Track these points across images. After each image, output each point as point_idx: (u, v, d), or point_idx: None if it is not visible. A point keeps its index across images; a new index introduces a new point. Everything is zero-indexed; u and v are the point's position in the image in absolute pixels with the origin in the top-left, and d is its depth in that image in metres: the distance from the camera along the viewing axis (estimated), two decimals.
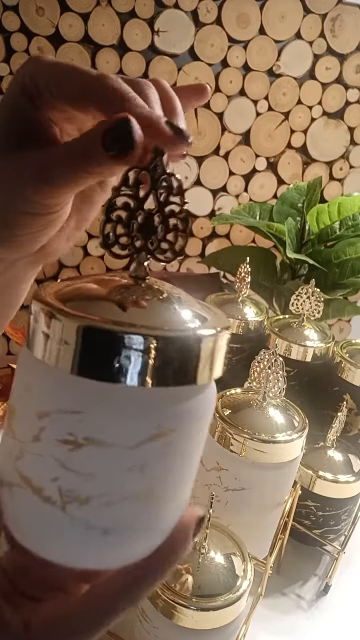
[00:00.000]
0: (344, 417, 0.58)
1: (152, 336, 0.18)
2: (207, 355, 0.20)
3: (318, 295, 0.67)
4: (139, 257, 0.22)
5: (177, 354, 0.19)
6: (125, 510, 0.20)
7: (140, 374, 0.19)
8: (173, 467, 0.21)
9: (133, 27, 0.88)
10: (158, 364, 0.19)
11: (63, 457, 0.19)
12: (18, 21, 0.85)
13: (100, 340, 0.18)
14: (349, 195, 0.87)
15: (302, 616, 0.55)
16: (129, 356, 0.18)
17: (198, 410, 0.21)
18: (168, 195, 0.22)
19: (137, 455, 0.20)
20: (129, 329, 0.18)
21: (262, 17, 0.91)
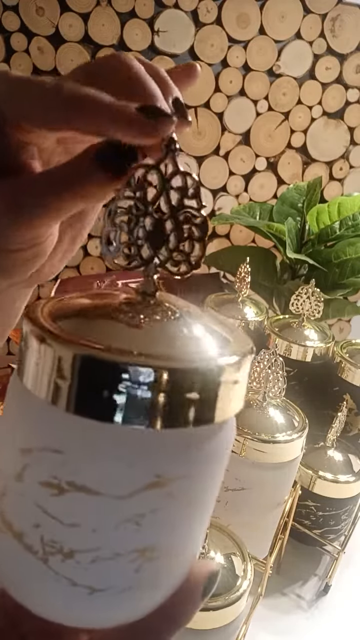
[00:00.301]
0: (344, 417, 0.58)
1: (163, 368, 0.15)
2: (228, 388, 0.17)
3: (318, 295, 0.67)
4: (147, 270, 0.19)
5: (194, 389, 0.16)
6: (117, 569, 0.17)
7: (149, 414, 0.16)
8: (179, 518, 0.18)
9: (133, 27, 0.88)
10: (170, 402, 0.16)
11: (45, 503, 0.17)
12: (18, 21, 0.85)
13: (101, 373, 0.15)
14: (349, 195, 0.87)
15: (302, 616, 0.55)
16: (134, 393, 0.15)
17: (214, 452, 0.18)
18: (182, 198, 0.19)
19: (131, 506, 0.17)
20: (135, 359, 0.15)
21: (262, 17, 0.91)
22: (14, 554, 0.18)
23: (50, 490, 0.17)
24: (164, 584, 0.19)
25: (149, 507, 0.17)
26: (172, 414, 0.16)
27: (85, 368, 0.16)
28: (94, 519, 0.17)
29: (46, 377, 0.16)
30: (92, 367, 0.16)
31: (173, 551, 0.18)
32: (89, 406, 0.16)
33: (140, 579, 0.18)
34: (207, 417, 0.17)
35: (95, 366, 0.15)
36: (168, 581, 0.19)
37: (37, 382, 0.17)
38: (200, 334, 0.18)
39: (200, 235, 0.19)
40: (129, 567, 0.17)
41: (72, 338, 0.16)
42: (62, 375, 0.16)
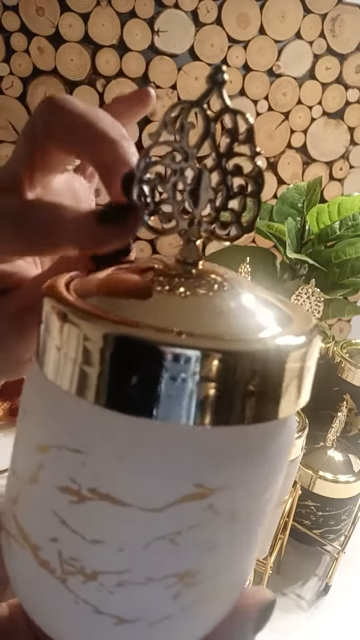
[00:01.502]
0: (344, 417, 0.58)
1: (214, 350, 0.12)
2: (295, 375, 0.14)
3: (318, 295, 0.67)
4: (189, 233, 0.16)
5: (254, 376, 0.13)
6: (150, 596, 0.14)
7: (196, 408, 0.13)
8: (224, 538, 0.15)
9: (133, 27, 0.88)
10: (223, 393, 0.13)
11: (64, 512, 0.14)
12: (18, 21, 0.85)
13: (137, 357, 0.12)
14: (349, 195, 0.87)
15: (302, 616, 0.55)
16: (178, 381, 0.12)
17: (272, 456, 0.14)
18: (232, 143, 0.15)
19: (165, 521, 0.14)
20: (178, 339, 0.12)
21: (262, 17, 0.91)
22: (30, 569, 0.15)
23: (68, 496, 0.14)
24: (205, 616, 0.16)
25: (187, 523, 0.14)
26: (224, 408, 0.13)
27: (117, 350, 0.13)
28: (121, 536, 0.14)
29: (70, 364, 0.13)
30: (125, 348, 0.13)
31: (217, 576, 0.15)
32: (121, 398, 0.13)
33: (177, 608, 0.15)
34: (267, 413, 0.13)
35: (129, 348, 0.12)
36: (211, 612, 0.16)
37: (59, 370, 0.14)
38: (256, 308, 0.15)
39: (254, 190, 0.15)
40: (164, 594, 0.14)
41: (101, 314, 0.13)
42: (89, 361, 0.13)
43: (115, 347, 0.13)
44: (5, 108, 0.90)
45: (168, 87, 0.93)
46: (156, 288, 0.14)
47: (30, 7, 0.84)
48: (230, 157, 0.15)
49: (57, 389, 0.14)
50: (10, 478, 0.16)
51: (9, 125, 0.91)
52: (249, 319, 0.14)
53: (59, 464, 0.14)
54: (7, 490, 0.16)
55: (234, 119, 0.15)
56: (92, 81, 0.91)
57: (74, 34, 0.87)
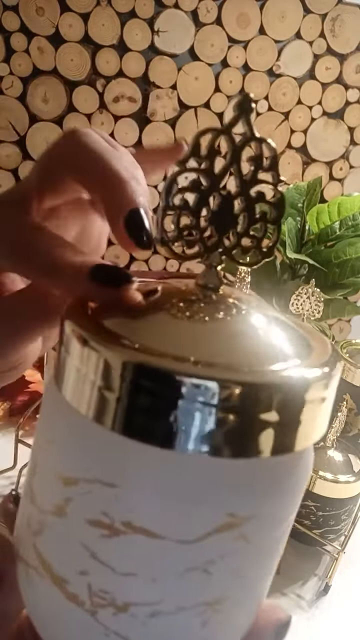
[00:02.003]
0: (344, 417, 0.58)
1: (234, 382, 0.12)
2: (314, 407, 0.13)
3: (318, 295, 0.67)
4: (211, 259, 0.16)
5: (273, 409, 0.13)
6: (181, 625, 0.14)
7: (214, 441, 0.12)
8: (251, 564, 0.15)
9: (133, 27, 0.88)
10: (243, 426, 0.13)
11: (94, 545, 0.14)
12: (18, 21, 0.85)
13: (155, 386, 0.12)
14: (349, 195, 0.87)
15: (302, 616, 0.55)
16: (197, 413, 0.12)
17: (291, 486, 0.15)
18: (256, 170, 0.15)
19: (199, 551, 0.14)
20: (199, 370, 0.12)
21: (262, 17, 0.91)
22: (54, 603, 0.15)
23: (100, 530, 0.14)
24: (229, 638, 0.16)
25: (220, 553, 0.14)
26: (244, 440, 0.13)
27: (135, 378, 0.13)
28: (155, 567, 0.14)
29: (89, 388, 0.13)
30: (144, 377, 0.12)
31: (244, 600, 0.15)
32: (140, 427, 0.13)
33: (205, 635, 0.15)
34: (286, 445, 0.13)
35: (147, 376, 0.12)
36: (234, 636, 0.16)
37: (78, 392, 0.14)
38: (276, 335, 0.15)
39: (276, 216, 0.16)
40: (194, 622, 0.14)
41: (122, 341, 0.13)
42: (109, 387, 0.13)
43: (134, 375, 0.13)
44: (5, 108, 0.90)
45: (168, 87, 0.93)
46: (176, 314, 0.14)
47: (30, 7, 0.84)
48: (254, 184, 0.16)
49: (83, 421, 0.14)
50: (29, 506, 0.16)
51: (9, 125, 0.91)
52: (268, 347, 0.14)
53: (90, 498, 0.14)
54: (26, 519, 0.16)
55: (259, 147, 0.15)
56: (92, 81, 0.91)
57: (74, 34, 0.87)
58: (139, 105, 0.94)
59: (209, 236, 0.16)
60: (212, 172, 0.15)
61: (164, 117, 0.95)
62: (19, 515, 0.17)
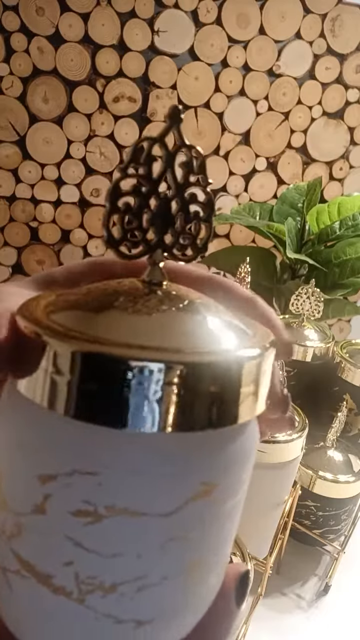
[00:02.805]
0: (344, 417, 0.58)
1: (177, 362, 0.13)
2: (251, 382, 0.15)
3: (318, 295, 0.67)
4: (154, 257, 0.17)
5: (214, 384, 0.14)
6: (164, 593, 0.15)
7: (166, 416, 0.14)
8: (219, 530, 0.16)
9: (133, 27, 0.88)
10: (187, 401, 0.14)
11: (79, 534, 0.14)
12: (18, 21, 0.85)
13: (105, 371, 0.13)
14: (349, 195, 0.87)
15: (302, 616, 0.55)
16: (147, 392, 0.13)
17: (243, 455, 0.16)
18: (188, 174, 0.17)
19: (176, 522, 0.15)
20: (146, 353, 0.14)
21: (262, 17, 0.91)
22: (39, 600, 0.15)
23: (83, 519, 0.14)
24: (207, 600, 0.17)
25: (197, 520, 0.15)
26: (190, 414, 0.14)
27: (85, 366, 0.14)
28: (140, 544, 0.15)
29: (42, 378, 0.14)
30: (94, 364, 0.14)
31: (214, 564, 0.17)
32: (92, 410, 0.14)
33: (187, 600, 0.16)
34: (230, 417, 0.15)
35: (97, 363, 0.13)
36: (209, 596, 0.17)
37: (32, 384, 0.15)
38: (215, 325, 0.16)
39: (206, 215, 0.17)
40: (177, 589, 0.16)
41: (70, 332, 0.14)
42: (61, 374, 0.14)
43: (83, 362, 0.14)
44: (5, 108, 0.90)
45: (168, 87, 0.93)
46: (124, 308, 0.16)
47: (30, 7, 0.84)
48: (187, 187, 0.17)
49: (47, 416, 0.15)
50: (1, 513, 0.16)
51: (9, 125, 0.91)
52: (209, 334, 0.15)
53: (70, 490, 0.14)
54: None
55: (189, 153, 0.17)
56: (92, 81, 0.91)
57: (74, 34, 0.87)
58: (139, 105, 0.94)
59: (150, 236, 0.17)
60: (150, 177, 0.17)
61: (164, 117, 0.95)
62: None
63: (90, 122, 0.93)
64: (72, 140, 0.94)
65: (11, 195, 0.96)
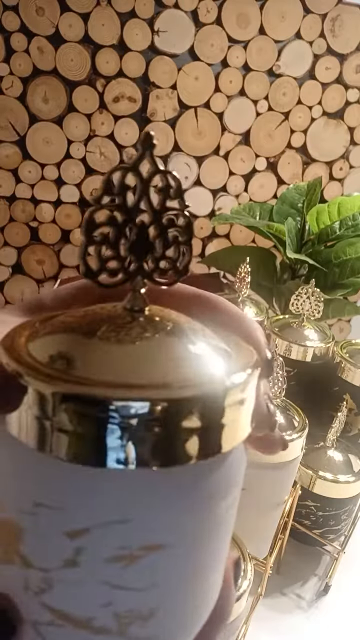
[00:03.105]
0: (344, 417, 0.58)
1: (158, 400, 0.13)
2: (234, 410, 0.15)
3: (318, 295, 0.67)
4: (135, 284, 0.17)
5: (198, 417, 0.14)
6: (191, 606, 0.17)
7: (151, 453, 0.14)
8: (223, 540, 0.17)
9: (133, 27, 0.88)
10: (170, 436, 0.14)
11: (115, 577, 0.15)
12: (18, 21, 0.85)
13: (89, 412, 0.13)
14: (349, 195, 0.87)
15: (302, 616, 0.55)
16: (132, 431, 0.14)
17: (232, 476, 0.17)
18: (164, 199, 0.17)
19: (194, 545, 0.16)
20: (130, 392, 0.14)
21: (262, 17, 0.91)
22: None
23: (119, 563, 0.15)
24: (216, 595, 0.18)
25: (202, 540, 0.16)
26: (173, 449, 0.14)
27: (69, 407, 0.13)
28: (171, 571, 0.15)
29: (29, 419, 0.14)
30: (77, 405, 0.13)
31: (221, 567, 0.18)
32: (78, 452, 0.14)
33: (205, 604, 0.17)
34: (212, 449, 0.15)
35: (80, 404, 0.13)
36: (215, 593, 0.18)
37: (23, 426, 0.14)
38: (199, 350, 0.16)
39: (186, 239, 0.17)
40: (199, 599, 0.17)
41: (51, 372, 0.14)
42: (46, 416, 0.14)
43: (65, 403, 0.14)
44: (5, 108, 0.90)
45: (168, 87, 0.93)
46: (107, 338, 0.16)
47: (30, 7, 0.84)
48: (164, 212, 0.17)
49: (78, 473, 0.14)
50: (21, 572, 0.16)
51: (9, 125, 0.91)
52: (191, 362, 0.15)
53: (104, 540, 0.14)
54: (21, 585, 0.16)
55: (164, 178, 0.17)
56: (92, 81, 0.91)
57: (74, 34, 0.87)
58: (139, 105, 0.94)
59: (129, 264, 0.17)
60: (125, 206, 0.16)
61: (164, 117, 0.95)
62: (9, 584, 0.16)
63: (90, 122, 0.93)
64: (72, 140, 0.94)
65: (11, 195, 0.96)
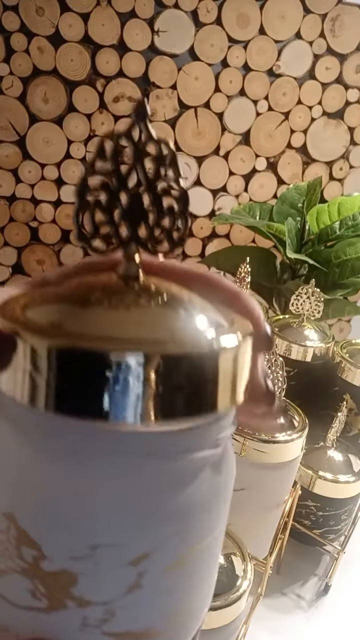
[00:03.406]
0: (344, 417, 0.58)
1: (154, 354, 0.14)
2: (228, 372, 0.15)
3: (318, 295, 0.67)
4: (128, 251, 0.17)
5: (192, 373, 0.14)
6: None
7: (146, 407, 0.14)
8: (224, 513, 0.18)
9: (133, 27, 0.88)
10: (165, 391, 0.14)
11: (173, 585, 0.16)
12: (18, 21, 0.85)
13: (83, 365, 0.14)
14: (349, 195, 0.87)
15: (302, 616, 0.55)
16: (126, 384, 0.14)
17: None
18: (158, 168, 0.17)
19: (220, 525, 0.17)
20: (124, 345, 0.14)
21: (262, 17, 0.91)
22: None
23: (176, 571, 0.15)
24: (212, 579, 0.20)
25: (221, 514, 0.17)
26: (166, 404, 0.14)
27: (63, 361, 0.14)
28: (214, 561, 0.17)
29: (21, 375, 0.14)
30: (71, 359, 0.14)
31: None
32: (71, 404, 0.14)
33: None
34: (206, 406, 0.15)
35: (74, 358, 0.14)
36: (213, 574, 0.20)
37: (12, 381, 0.15)
38: (194, 319, 0.16)
39: (181, 209, 0.17)
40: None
41: (46, 328, 0.14)
42: (39, 371, 0.14)
43: (60, 358, 0.14)
44: (5, 108, 0.90)
45: (168, 87, 0.93)
46: (101, 303, 0.16)
47: (30, 7, 0.84)
48: (158, 180, 0.17)
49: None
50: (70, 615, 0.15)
51: (9, 125, 0.91)
52: (187, 327, 0.15)
53: (163, 557, 0.15)
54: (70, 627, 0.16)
55: (158, 146, 0.17)
56: (92, 81, 0.91)
57: (74, 34, 0.87)
58: None
59: (123, 231, 0.17)
60: (119, 171, 0.16)
61: (164, 117, 0.95)
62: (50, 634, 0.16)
63: (90, 122, 0.93)
64: (72, 140, 0.94)
65: (11, 195, 0.96)
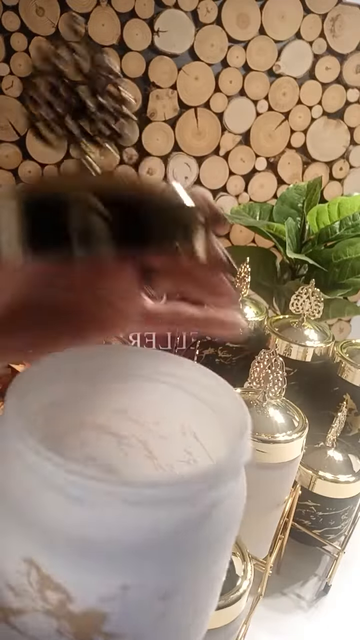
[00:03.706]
0: (344, 417, 0.58)
1: None
2: None
3: (318, 295, 0.67)
4: (80, 148, 0.19)
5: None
6: None
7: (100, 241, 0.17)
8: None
9: (133, 27, 0.88)
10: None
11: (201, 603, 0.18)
12: (18, 21, 0.85)
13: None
14: (349, 195, 0.87)
15: (302, 616, 0.55)
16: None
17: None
18: (96, 68, 0.19)
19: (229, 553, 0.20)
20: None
21: (262, 17, 0.91)
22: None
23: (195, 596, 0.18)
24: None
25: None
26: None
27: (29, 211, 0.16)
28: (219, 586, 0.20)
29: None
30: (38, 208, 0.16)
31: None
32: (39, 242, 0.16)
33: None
34: None
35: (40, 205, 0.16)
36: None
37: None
38: None
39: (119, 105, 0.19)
40: None
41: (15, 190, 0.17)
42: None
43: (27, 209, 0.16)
44: (5, 108, 0.90)
45: (168, 87, 0.93)
46: None
47: (30, 7, 0.84)
48: (95, 77, 0.18)
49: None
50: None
51: (9, 125, 0.91)
52: None
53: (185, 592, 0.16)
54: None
55: (91, 50, 0.18)
56: None
57: None
58: (139, 105, 0.94)
59: (71, 126, 0.18)
60: (59, 71, 0.18)
61: (164, 117, 0.95)
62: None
63: None
64: None
65: None
